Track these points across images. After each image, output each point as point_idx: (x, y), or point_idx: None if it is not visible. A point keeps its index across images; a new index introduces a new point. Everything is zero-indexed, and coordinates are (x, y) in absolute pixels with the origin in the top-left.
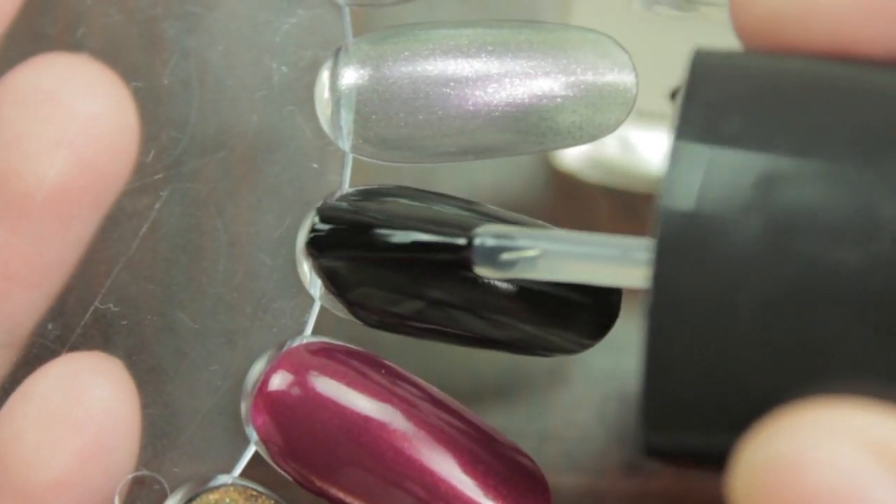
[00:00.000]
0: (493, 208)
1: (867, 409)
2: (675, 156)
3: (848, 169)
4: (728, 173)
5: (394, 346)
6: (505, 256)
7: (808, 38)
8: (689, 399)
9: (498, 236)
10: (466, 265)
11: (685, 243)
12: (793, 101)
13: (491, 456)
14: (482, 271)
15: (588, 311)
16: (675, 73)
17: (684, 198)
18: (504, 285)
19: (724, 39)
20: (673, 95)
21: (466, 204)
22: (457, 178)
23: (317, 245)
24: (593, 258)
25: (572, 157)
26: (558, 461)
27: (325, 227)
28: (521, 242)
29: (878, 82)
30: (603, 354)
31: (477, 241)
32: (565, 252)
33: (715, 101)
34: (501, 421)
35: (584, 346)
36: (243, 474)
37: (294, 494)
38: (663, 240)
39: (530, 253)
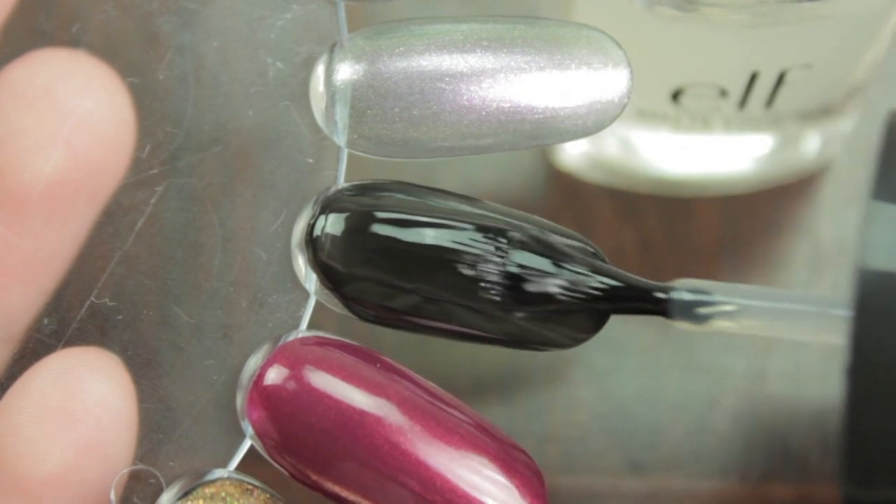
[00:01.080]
0: (493, 205)
1: None
2: (871, 216)
3: None
4: None
5: (390, 345)
6: (702, 311)
7: None
8: (888, 457)
9: (695, 291)
10: (664, 316)
11: (883, 302)
12: None
13: (487, 450)
14: (680, 325)
15: (583, 308)
16: (676, 72)
17: (882, 258)
18: (500, 280)
19: (725, 39)
20: (674, 96)
21: (465, 200)
22: (456, 178)
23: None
24: (790, 314)
25: (572, 157)
26: (558, 461)
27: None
28: (717, 297)
29: None
30: (603, 354)
31: (675, 296)
32: (763, 308)
33: None
34: (501, 421)
35: (579, 341)
36: (239, 468)
37: (289, 489)
38: (862, 298)
39: (728, 308)
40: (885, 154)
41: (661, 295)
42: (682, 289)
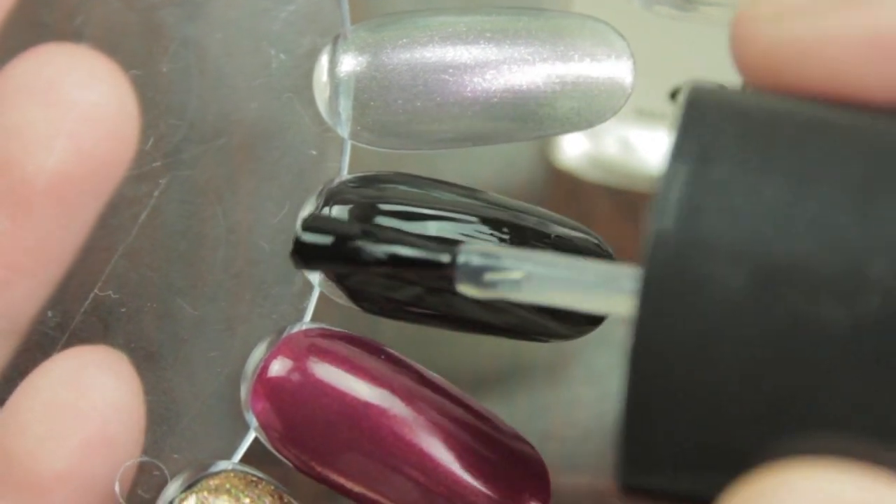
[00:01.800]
0: (493, 195)
1: (841, 471)
2: (665, 192)
3: (839, 222)
4: (716, 218)
5: (393, 338)
6: (488, 277)
7: (806, 78)
8: (666, 443)
9: (482, 255)
10: (449, 282)
11: (671, 285)
12: (785, 148)
13: (490, 441)
14: (464, 290)
15: None
16: (676, 72)
17: (671, 241)
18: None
19: (724, 39)
20: (673, 95)
21: (466, 191)
22: (456, 176)
23: (302, 258)
24: (579, 284)
25: (572, 156)
26: (558, 461)
27: (311, 238)
28: (505, 263)
29: (875, 131)
30: (603, 354)
31: (461, 260)
32: (550, 276)
33: (707, 141)
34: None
35: (582, 332)
36: (243, 460)
37: (293, 482)
38: (649, 278)
39: (514, 275)
40: (682, 127)
41: (444, 259)
42: (470, 253)
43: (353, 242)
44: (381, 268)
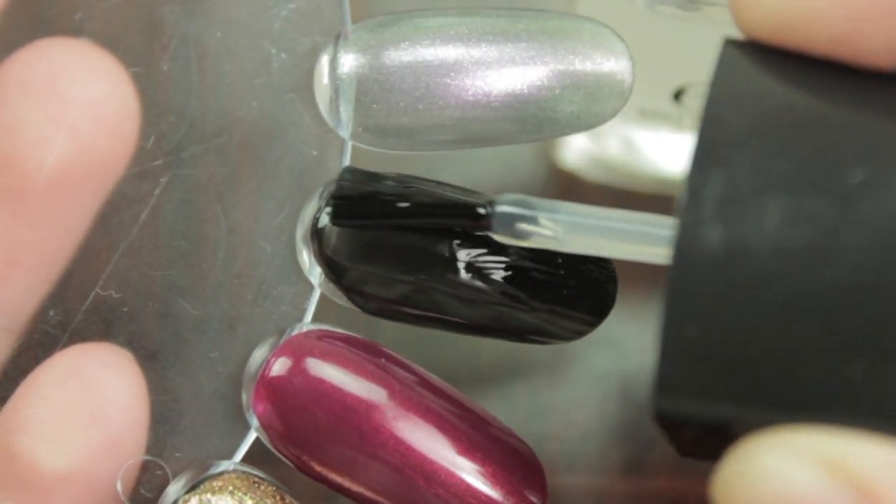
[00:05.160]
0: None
1: (831, 433)
2: (697, 159)
3: (811, 202)
4: (732, 184)
5: (393, 339)
6: (524, 226)
7: (809, 42)
8: (699, 369)
9: (518, 204)
10: (485, 229)
11: (713, 200)
12: (784, 135)
13: (488, 441)
14: (501, 238)
15: (583, 298)
16: (679, 72)
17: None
18: (500, 272)
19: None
20: (676, 96)
21: (468, 193)
22: (457, 177)
23: (335, 213)
24: (614, 232)
25: (574, 156)
26: (558, 461)
27: (342, 198)
28: (541, 213)
29: (874, 105)
30: (603, 354)
31: (499, 209)
32: (586, 225)
33: (731, 128)
34: (501, 420)
35: (580, 334)
36: (243, 460)
37: (294, 482)
38: (685, 226)
39: (547, 229)
40: (708, 105)
41: (482, 210)
42: (505, 202)
43: (390, 193)
44: (417, 219)
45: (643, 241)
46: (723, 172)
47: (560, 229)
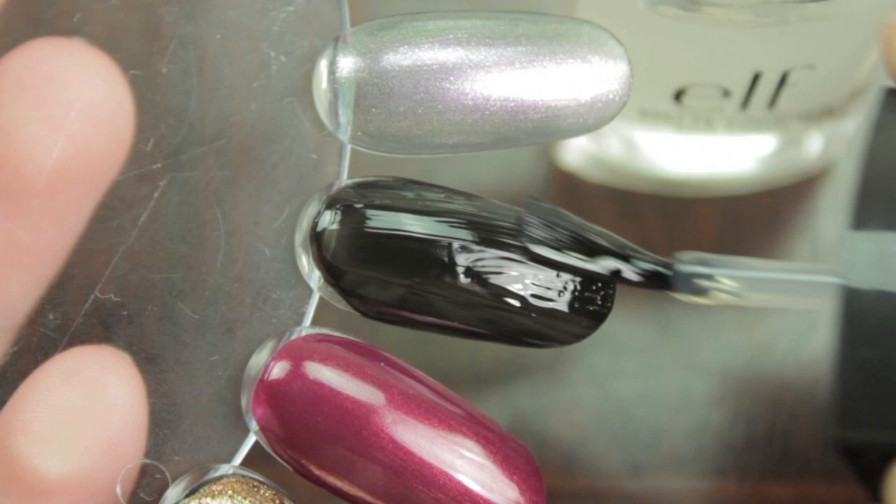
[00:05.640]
0: (494, 202)
1: None
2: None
3: None
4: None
5: (392, 343)
6: (705, 283)
7: None
8: (878, 399)
9: (699, 263)
10: (668, 289)
11: (871, 274)
12: None
13: (486, 445)
14: (683, 297)
15: (581, 302)
16: (679, 73)
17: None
18: (498, 276)
19: (728, 39)
20: (677, 96)
21: (468, 197)
22: (457, 177)
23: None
24: (787, 285)
25: (575, 157)
26: (558, 462)
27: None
28: (719, 270)
29: None
30: (603, 355)
31: (678, 269)
32: (762, 280)
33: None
34: (502, 422)
35: (578, 337)
36: (243, 463)
37: (293, 486)
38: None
39: (729, 282)
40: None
41: (665, 271)
42: (685, 261)
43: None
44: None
45: (814, 292)
46: (879, 231)
47: (738, 286)
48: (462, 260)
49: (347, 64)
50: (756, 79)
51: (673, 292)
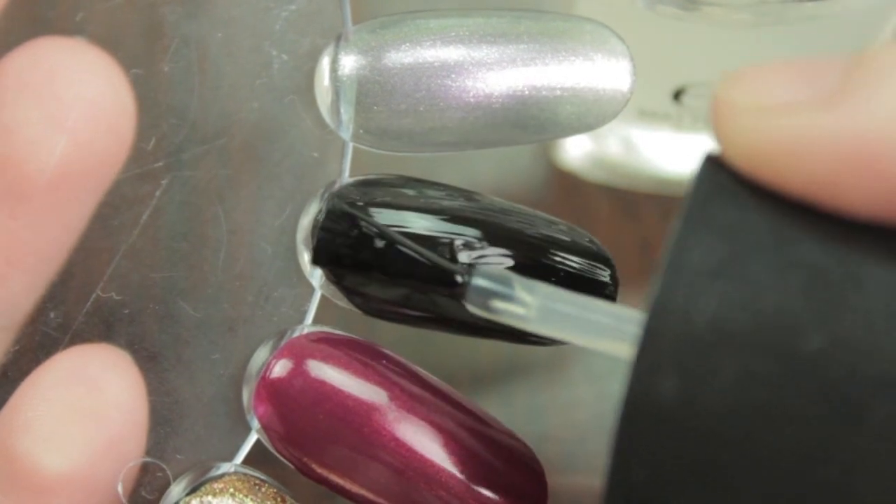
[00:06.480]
0: (495, 199)
1: None
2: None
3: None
4: (714, 300)
5: (393, 340)
6: (497, 304)
7: (785, 180)
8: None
9: (495, 281)
10: (459, 297)
11: (670, 349)
12: (744, 291)
13: (488, 443)
14: (473, 310)
15: None
16: (678, 72)
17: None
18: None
19: (726, 39)
20: (676, 96)
21: (468, 195)
22: (457, 177)
23: (319, 254)
24: (583, 323)
25: (574, 156)
26: (558, 461)
27: (328, 233)
28: (516, 293)
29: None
30: (602, 355)
31: (474, 282)
32: (557, 311)
33: (697, 265)
34: (501, 420)
35: None
36: (244, 461)
37: (294, 484)
38: (649, 333)
39: (520, 309)
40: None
41: (459, 279)
42: (483, 276)
43: (373, 249)
44: (398, 278)
45: (610, 336)
46: (680, 319)
47: (533, 313)
48: (464, 257)
49: (349, 62)
50: None
51: (465, 302)
